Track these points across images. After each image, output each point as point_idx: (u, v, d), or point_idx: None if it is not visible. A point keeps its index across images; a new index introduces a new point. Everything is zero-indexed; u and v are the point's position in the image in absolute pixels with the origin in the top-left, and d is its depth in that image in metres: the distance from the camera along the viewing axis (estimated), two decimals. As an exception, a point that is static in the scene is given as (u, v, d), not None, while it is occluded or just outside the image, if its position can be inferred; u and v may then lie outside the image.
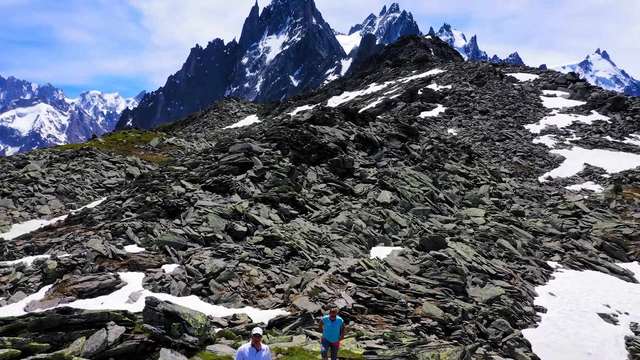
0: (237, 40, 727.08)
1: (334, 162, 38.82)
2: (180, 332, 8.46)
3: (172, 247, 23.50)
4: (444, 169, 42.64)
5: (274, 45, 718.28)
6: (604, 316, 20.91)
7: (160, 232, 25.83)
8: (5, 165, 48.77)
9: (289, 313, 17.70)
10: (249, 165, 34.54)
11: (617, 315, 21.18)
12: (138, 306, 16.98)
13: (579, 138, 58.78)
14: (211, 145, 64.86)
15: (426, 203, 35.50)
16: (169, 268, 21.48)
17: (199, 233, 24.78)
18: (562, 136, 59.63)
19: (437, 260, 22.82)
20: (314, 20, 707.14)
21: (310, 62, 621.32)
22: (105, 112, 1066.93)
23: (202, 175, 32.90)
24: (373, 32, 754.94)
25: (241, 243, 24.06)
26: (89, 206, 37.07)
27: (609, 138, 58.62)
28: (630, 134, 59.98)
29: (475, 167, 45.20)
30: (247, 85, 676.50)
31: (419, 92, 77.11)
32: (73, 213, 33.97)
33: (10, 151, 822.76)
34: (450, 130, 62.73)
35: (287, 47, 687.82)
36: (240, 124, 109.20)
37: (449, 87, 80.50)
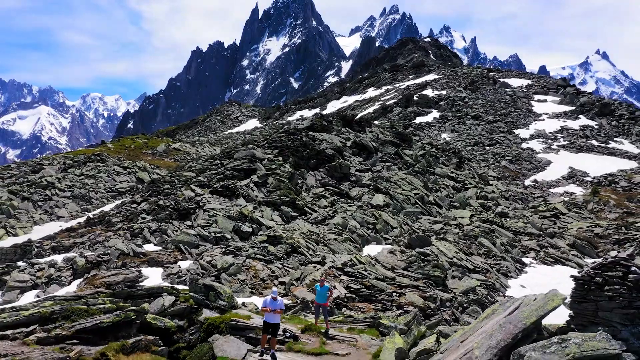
0: (238, 43, 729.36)
1: (332, 167, 41.72)
2: (215, 299, 11.32)
3: (185, 246, 26.39)
4: (434, 173, 45.52)
5: (274, 47, 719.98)
6: (566, 305, 23.73)
7: (174, 233, 28.71)
8: (21, 171, 51.73)
9: (290, 301, 20.53)
10: (252, 171, 37.44)
11: (579, 304, 24.04)
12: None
13: (566, 142, 61.65)
14: (215, 150, 67.85)
15: (416, 205, 38.36)
16: (184, 264, 24.34)
17: (209, 233, 27.69)
18: (550, 140, 62.49)
19: (422, 257, 25.69)
20: (314, 22, 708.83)
21: (311, 64, 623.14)
22: (106, 115, 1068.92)
23: (210, 181, 35.81)
24: (373, 34, 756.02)
25: (247, 242, 26.97)
26: (104, 209, 40.00)
27: (594, 142, 61.49)
28: (615, 138, 62.84)
29: (465, 171, 48.07)
30: (247, 87, 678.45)
31: (415, 98, 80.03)
32: (91, 215, 36.89)
33: (12, 154, 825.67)
34: (443, 135, 65.60)
35: (287, 49, 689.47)
36: (242, 128, 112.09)
37: (444, 92, 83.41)
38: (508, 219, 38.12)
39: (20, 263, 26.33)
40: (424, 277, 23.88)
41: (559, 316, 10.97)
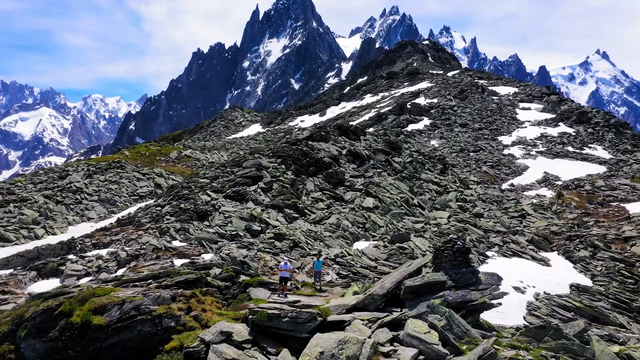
0: (238, 44, 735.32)
1: (329, 174, 47.42)
2: (247, 269, 16.97)
3: (206, 242, 32.10)
4: (420, 178, 51.19)
5: (274, 48, 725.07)
6: (516, 288, 29.42)
7: (195, 231, 34.45)
8: (49, 177, 57.47)
9: (293, 285, 26.23)
10: (259, 178, 43.18)
11: (526, 288, 29.68)
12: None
13: (544, 149, 67.30)
14: (222, 156, 73.63)
15: (402, 207, 44.08)
16: (207, 256, 29.99)
17: (225, 231, 33.40)
18: (529, 147, 68.14)
19: (400, 250, 31.42)
20: (314, 24, 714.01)
21: (311, 65, 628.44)
22: (107, 116, 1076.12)
23: (223, 187, 41.55)
24: (373, 35, 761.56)
25: (257, 238, 32.70)
26: (129, 211, 45.76)
27: (570, 148, 67.14)
28: (589, 145, 68.50)
29: (448, 177, 53.76)
30: (248, 88, 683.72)
31: (408, 106, 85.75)
32: (120, 217, 42.63)
33: (13, 155, 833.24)
34: (433, 142, 71.29)
35: (287, 50, 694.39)
36: (245, 132, 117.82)
37: (435, 100, 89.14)
38: (482, 219, 43.78)
39: (71, 256, 32.02)
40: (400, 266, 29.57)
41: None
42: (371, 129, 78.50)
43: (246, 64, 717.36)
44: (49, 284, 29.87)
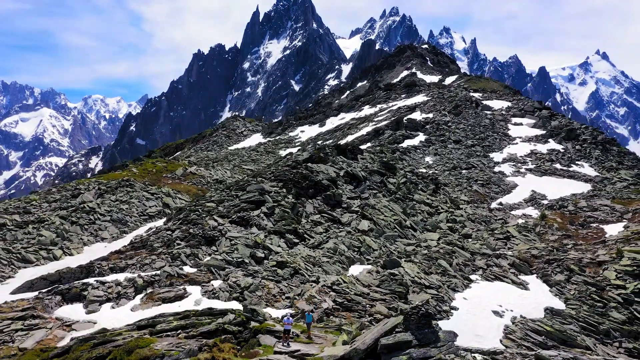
0: (239, 45, 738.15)
1: (327, 196, 50.59)
2: (256, 316, 20.23)
3: (215, 269, 35.29)
4: (413, 199, 54.38)
5: (275, 49, 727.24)
6: (495, 312, 32.61)
7: (204, 257, 37.65)
8: (62, 195, 60.66)
9: (293, 311, 29.41)
10: (262, 203, 46.36)
11: (504, 312, 32.87)
12: (202, 307, 28.78)
13: (533, 166, 70.42)
14: (226, 171, 76.83)
15: (395, 229, 47.27)
16: (216, 283, 33.22)
17: (232, 258, 36.60)
18: (519, 164, 71.24)
19: (391, 276, 34.61)
20: (314, 25, 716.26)
21: (311, 66, 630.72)
22: (107, 117, 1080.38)
23: (229, 212, 44.76)
24: (373, 37, 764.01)
25: (261, 266, 35.92)
26: (141, 231, 48.96)
27: (558, 166, 70.26)
28: (577, 162, 71.63)
29: (440, 197, 56.92)
30: (248, 89, 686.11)
31: (404, 121, 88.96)
32: (132, 239, 45.82)
33: (14, 156, 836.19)
34: (427, 159, 74.44)
35: (288, 51, 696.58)
36: (246, 143, 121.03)
37: (430, 115, 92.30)
38: (470, 240, 46.96)
39: (91, 281, 35.17)
40: (391, 292, 32.80)
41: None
42: (368, 144, 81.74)
43: (246, 65, 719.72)
44: (74, 308, 33.08)
